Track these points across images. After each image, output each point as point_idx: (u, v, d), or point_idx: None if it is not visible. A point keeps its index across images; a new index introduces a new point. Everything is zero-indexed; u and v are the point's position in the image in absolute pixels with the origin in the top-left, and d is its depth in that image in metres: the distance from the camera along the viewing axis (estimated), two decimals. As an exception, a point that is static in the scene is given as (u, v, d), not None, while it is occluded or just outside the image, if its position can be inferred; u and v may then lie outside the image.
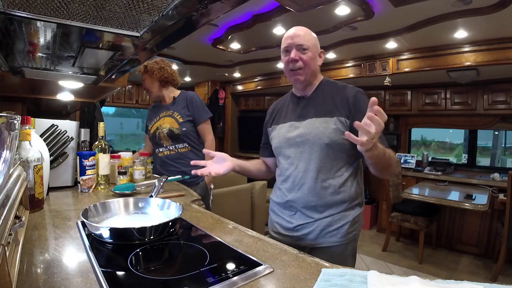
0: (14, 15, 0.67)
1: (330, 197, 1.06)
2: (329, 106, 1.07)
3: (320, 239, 1.07)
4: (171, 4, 0.66)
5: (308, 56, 1.07)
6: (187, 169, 1.80)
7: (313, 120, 1.08)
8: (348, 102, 1.05)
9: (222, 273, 0.64)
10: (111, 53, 1.02)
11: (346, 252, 1.07)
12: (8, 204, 0.51)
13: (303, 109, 1.12)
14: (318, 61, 1.12)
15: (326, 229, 1.06)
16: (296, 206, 1.10)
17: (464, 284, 0.56)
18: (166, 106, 1.90)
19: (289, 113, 1.17)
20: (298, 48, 1.07)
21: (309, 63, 1.07)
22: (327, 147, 1.04)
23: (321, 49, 1.13)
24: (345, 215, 1.07)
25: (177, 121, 1.80)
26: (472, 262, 3.00)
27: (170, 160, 1.83)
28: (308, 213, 1.08)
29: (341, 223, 1.06)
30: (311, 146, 1.06)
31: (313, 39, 1.10)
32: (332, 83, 1.15)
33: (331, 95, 1.09)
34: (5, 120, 0.43)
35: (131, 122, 8.83)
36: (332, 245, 1.06)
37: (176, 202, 0.99)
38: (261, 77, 4.74)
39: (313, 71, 1.10)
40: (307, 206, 1.08)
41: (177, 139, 1.81)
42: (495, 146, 4.11)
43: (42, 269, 0.63)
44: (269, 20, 2.49)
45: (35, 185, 1.00)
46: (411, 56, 3.08)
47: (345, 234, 1.06)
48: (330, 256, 1.01)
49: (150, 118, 1.94)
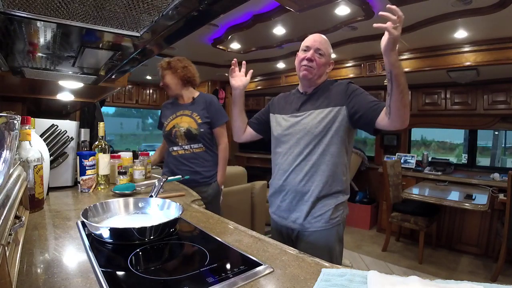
0: (14, 15, 0.67)
1: (308, 184, 1.19)
2: (325, 100, 1.22)
3: (307, 224, 1.20)
4: (171, 4, 0.66)
5: (321, 61, 1.24)
6: (201, 169, 1.82)
7: (309, 112, 1.22)
8: (342, 92, 1.19)
9: (222, 273, 0.64)
10: (111, 53, 1.02)
11: (330, 236, 1.19)
12: (8, 204, 0.51)
13: (303, 103, 1.27)
14: (328, 68, 1.29)
15: (311, 215, 1.19)
16: (287, 191, 1.24)
17: (464, 284, 0.56)
18: (184, 105, 1.89)
19: (292, 105, 1.31)
20: (317, 51, 1.24)
21: (320, 66, 1.24)
22: (319, 135, 1.18)
23: (332, 60, 1.31)
24: (327, 202, 1.19)
25: (196, 122, 1.81)
26: (472, 262, 3.00)
27: (184, 159, 1.82)
28: (295, 198, 1.22)
29: (323, 209, 1.18)
30: (308, 134, 1.20)
31: (330, 49, 1.29)
32: (330, 81, 1.30)
33: (328, 90, 1.24)
34: (5, 120, 0.43)
35: (131, 122, 8.84)
36: (317, 230, 1.19)
37: (176, 202, 0.99)
38: (261, 77, 4.74)
39: (321, 74, 1.26)
40: (296, 192, 1.21)
41: (193, 139, 1.82)
42: (495, 146, 4.11)
43: (42, 269, 0.63)
44: (269, 20, 2.49)
45: (35, 185, 1.00)
46: (411, 56, 3.08)
47: (328, 219, 1.18)
48: (316, 238, 1.18)
49: (165, 115, 1.91)
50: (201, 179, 1.81)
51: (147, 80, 5.41)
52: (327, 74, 1.31)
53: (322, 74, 1.26)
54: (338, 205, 1.20)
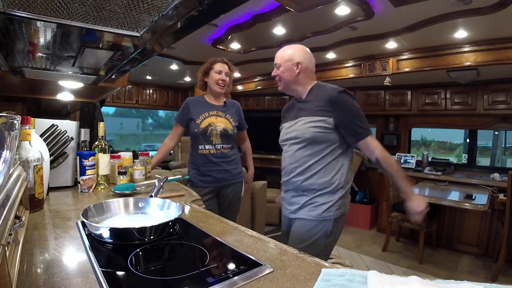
0: (14, 15, 0.67)
1: (305, 182, 1.29)
2: (314, 106, 1.28)
3: (300, 214, 1.31)
4: (171, 4, 0.66)
5: (280, 71, 1.34)
6: (231, 167, 1.90)
7: (302, 119, 1.30)
8: (328, 101, 1.24)
9: (222, 273, 0.64)
10: (111, 53, 1.02)
11: (317, 228, 1.27)
12: (8, 204, 0.51)
13: (298, 111, 1.36)
14: (295, 71, 1.32)
15: (305, 206, 1.30)
16: (286, 186, 1.39)
17: (464, 284, 0.56)
18: (216, 107, 1.94)
19: (290, 114, 1.41)
20: (276, 66, 1.37)
21: (282, 76, 1.34)
22: (309, 140, 1.26)
23: (298, 61, 1.32)
24: (323, 198, 1.27)
25: (231, 124, 1.92)
26: (472, 262, 3.00)
27: (215, 158, 1.87)
28: (294, 195, 1.35)
29: (317, 203, 1.28)
30: (299, 141, 1.29)
31: (285, 56, 1.34)
32: (320, 86, 1.35)
33: (318, 96, 1.30)
34: (5, 120, 0.43)
35: (131, 122, 8.84)
36: (307, 218, 1.29)
37: (176, 202, 0.99)
38: (261, 77, 4.74)
39: (291, 80, 1.34)
40: (294, 189, 1.34)
41: (227, 139, 1.90)
42: (495, 146, 4.11)
43: (42, 269, 0.63)
44: (269, 20, 2.49)
45: (35, 185, 1.00)
46: (411, 56, 3.08)
47: (320, 213, 1.27)
48: (303, 224, 1.29)
49: (196, 111, 1.90)
50: (229, 177, 1.91)
51: (147, 80, 5.41)
52: (307, 76, 1.34)
53: (293, 79, 1.33)
54: (335, 202, 1.27)
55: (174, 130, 1.98)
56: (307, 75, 1.34)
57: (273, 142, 1.94)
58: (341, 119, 1.22)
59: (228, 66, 1.97)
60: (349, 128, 1.23)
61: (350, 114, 1.23)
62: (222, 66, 1.93)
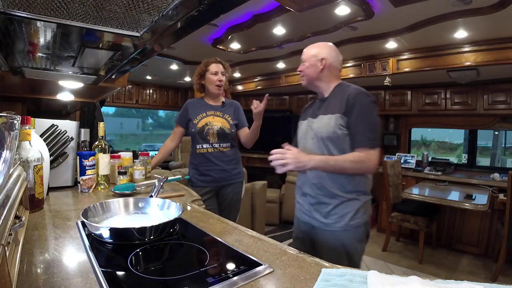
0: (14, 15, 0.67)
1: (328, 185, 1.22)
2: (335, 105, 1.24)
3: (326, 221, 1.23)
4: (171, 4, 0.66)
5: (304, 66, 1.33)
6: (230, 167, 1.90)
7: (320, 117, 1.27)
8: (347, 102, 1.21)
9: (222, 273, 0.64)
10: (111, 53, 1.02)
11: (348, 236, 1.19)
12: (8, 204, 0.51)
13: (319, 108, 1.33)
14: (318, 68, 1.29)
15: (333, 215, 1.22)
16: (305, 191, 1.29)
17: (464, 284, 0.56)
18: (214, 107, 1.96)
19: (310, 112, 1.38)
20: (301, 61, 1.35)
21: (305, 71, 1.33)
22: (327, 140, 1.21)
23: (322, 57, 1.29)
24: (347, 204, 1.20)
25: (228, 123, 1.92)
26: (472, 262, 3.00)
27: (213, 157, 1.88)
28: (311, 197, 1.27)
29: (344, 211, 1.20)
30: (317, 139, 1.25)
31: (311, 51, 1.32)
32: (344, 85, 1.31)
33: (340, 95, 1.26)
34: (5, 120, 0.43)
35: (131, 122, 8.83)
36: (336, 230, 1.21)
37: (176, 202, 0.99)
38: (261, 77, 4.74)
39: (314, 76, 1.31)
40: (314, 192, 1.25)
41: (224, 138, 1.91)
42: (495, 146, 4.11)
43: (42, 269, 0.63)
44: (269, 20, 2.49)
45: (35, 185, 1.00)
46: (411, 56, 3.07)
47: (348, 221, 1.20)
48: (334, 238, 1.20)
49: (194, 112, 1.93)
50: (228, 176, 1.90)
51: (147, 80, 5.42)
52: (331, 73, 1.31)
53: (316, 75, 1.31)
54: (359, 208, 1.20)
55: (175, 131, 2.01)
56: (332, 72, 1.31)
57: (273, 142, 1.94)
58: (353, 120, 1.17)
59: (222, 64, 1.97)
60: (357, 132, 1.17)
61: (364, 119, 1.17)
62: (217, 67, 1.93)
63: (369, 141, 1.15)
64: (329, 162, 1.15)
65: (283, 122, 5.14)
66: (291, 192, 3.84)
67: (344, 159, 1.15)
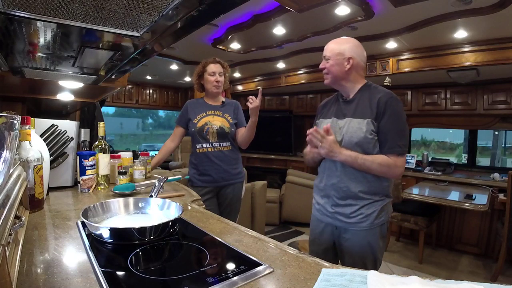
0: (14, 15, 0.67)
1: (353, 188, 1.22)
2: (364, 109, 1.21)
3: (350, 221, 1.23)
4: (171, 4, 0.66)
5: (329, 63, 1.26)
6: (230, 167, 1.90)
7: (349, 119, 1.23)
8: (378, 106, 1.19)
9: (222, 273, 0.64)
10: (111, 53, 1.02)
11: (373, 235, 1.21)
12: (8, 204, 0.51)
13: (344, 109, 1.28)
14: (345, 66, 1.24)
15: (357, 216, 1.22)
16: (329, 192, 1.27)
17: (464, 284, 0.56)
18: (214, 106, 1.96)
19: (332, 111, 1.34)
20: (324, 58, 1.29)
21: (331, 69, 1.26)
22: (356, 145, 1.19)
23: (349, 56, 1.25)
24: (373, 204, 1.21)
25: (228, 122, 1.92)
26: (472, 262, 3.00)
27: (213, 156, 1.87)
28: (337, 198, 1.25)
29: (369, 211, 1.21)
30: (346, 142, 1.21)
31: (337, 49, 1.26)
32: (372, 86, 1.29)
33: (369, 97, 1.23)
34: (5, 120, 0.43)
35: (131, 122, 8.84)
36: (360, 230, 1.22)
37: (176, 202, 0.99)
38: (261, 77, 4.74)
39: (339, 75, 1.26)
40: (338, 193, 1.24)
41: (224, 138, 1.91)
42: (495, 146, 4.11)
43: (42, 269, 0.63)
44: (269, 20, 2.49)
45: (35, 185, 1.00)
46: (411, 56, 3.07)
47: (372, 220, 1.21)
48: (358, 237, 1.21)
49: (194, 112, 1.95)
50: (228, 177, 1.90)
51: (147, 80, 5.42)
52: (358, 73, 1.27)
53: (342, 75, 1.25)
54: (383, 207, 1.22)
55: (175, 132, 2.01)
56: (358, 72, 1.27)
57: (273, 142, 1.94)
58: (384, 126, 1.17)
59: (220, 64, 1.97)
60: (387, 138, 1.17)
61: (395, 125, 1.17)
62: (215, 67, 1.93)
63: (399, 148, 1.16)
64: (357, 160, 1.16)
65: (283, 122, 5.14)
66: (291, 192, 3.84)
67: (372, 160, 1.16)
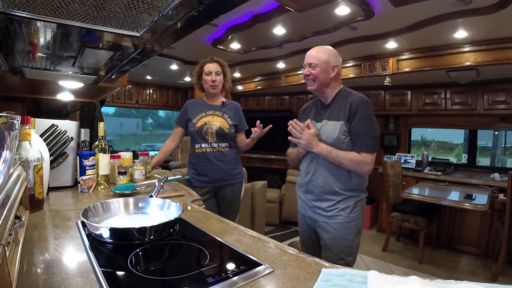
0: (14, 15, 0.67)
1: (332, 185, 1.33)
2: (339, 112, 1.33)
3: (329, 215, 1.35)
4: (171, 4, 0.66)
5: (316, 71, 1.33)
6: (229, 167, 1.90)
7: (325, 122, 1.34)
8: (350, 109, 1.29)
9: (222, 273, 0.64)
10: (111, 53, 1.02)
11: (348, 229, 1.32)
12: (8, 204, 0.51)
13: (321, 113, 1.40)
14: (330, 74, 1.34)
15: (333, 210, 1.33)
16: (309, 188, 1.38)
17: (464, 284, 0.56)
18: (214, 106, 1.95)
19: (313, 115, 1.44)
20: (309, 65, 1.36)
21: (317, 76, 1.34)
22: (331, 145, 1.30)
23: (335, 64, 1.35)
24: (348, 200, 1.33)
25: (227, 123, 1.92)
26: (472, 262, 3.00)
27: (212, 157, 1.87)
28: (316, 193, 1.36)
29: (343, 206, 1.33)
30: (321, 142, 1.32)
31: (323, 57, 1.33)
32: (346, 91, 1.38)
33: (343, 101, 1.34)
34: (5, 120, 0.43)
35: (131, 122, 8.83)
36: (338, 222, 1.34)
37: (176, 202, 0.99)
38: (261, 77, 4.74)
39: (324, 82, 1.35)
40: (317, 189, 1.35)
41: (223, 138, 1.90)
42: (495, 146, 4.11)
43: (42, 269, 0.63)
44: (269, 20, 2.48)
45: (35, 185, 1.00)
46: (411, 56, 3.07)
47: (347, 214, 1.33)
48: (337, 229, 1.32)
49: (193, 112, 1.94)
50: (227, 177, 1.90)
51: (147, 80, 5.42)
52: (337, 80, 1.38)
53: (327, 82, 1.35)
54: (358, 202, 1.34)
55: (175, 132, 2.01)
56: (337, 79, 1.38)
57: (273, 142, 1.94)
58: (355, 126, 1.28)
59: (218, 63, 1.95)
60: (358, 137, 1.28)
61: (365, 126, 1.28)
62: (212, 66, 1.92)
63: (367, 147, 1.28)
64: (332, 153, 1.28)
65: (283, 122, 5.11)
66: (291, 192, 3.84)
67: (344, 155, 1.28)
